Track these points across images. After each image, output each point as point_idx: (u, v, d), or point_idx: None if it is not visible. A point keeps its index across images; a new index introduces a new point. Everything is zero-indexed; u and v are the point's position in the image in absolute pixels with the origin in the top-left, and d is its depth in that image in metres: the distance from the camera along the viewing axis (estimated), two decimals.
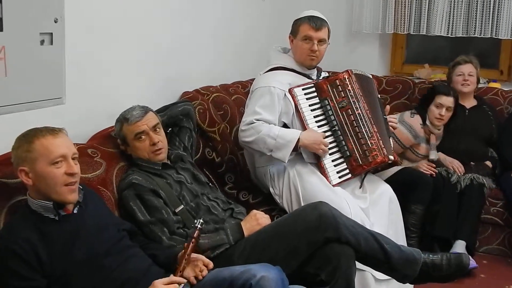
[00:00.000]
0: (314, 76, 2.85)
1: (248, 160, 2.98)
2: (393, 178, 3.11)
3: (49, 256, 1.68)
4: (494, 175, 3.44)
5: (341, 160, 2.69)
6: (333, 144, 2.69)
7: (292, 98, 2.69)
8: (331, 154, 2.68)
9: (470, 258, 2.80)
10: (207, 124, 2.95)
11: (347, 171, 2.67)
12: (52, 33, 2.16)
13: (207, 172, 2.85)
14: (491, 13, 3.75)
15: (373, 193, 2.71)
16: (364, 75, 2.87)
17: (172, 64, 3.03)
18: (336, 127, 2.69)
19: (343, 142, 2.68)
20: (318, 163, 2.68)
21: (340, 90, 2.71)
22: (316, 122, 2.70)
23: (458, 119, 3.42)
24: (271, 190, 2.76)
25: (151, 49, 2.84)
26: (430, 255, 2.27)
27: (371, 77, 2.95)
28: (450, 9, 3.86)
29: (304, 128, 2.66)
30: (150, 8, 2.80)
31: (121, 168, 2.33)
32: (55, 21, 2.17)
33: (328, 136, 2.69)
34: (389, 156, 2.68)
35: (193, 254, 1.94)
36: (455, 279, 2.36)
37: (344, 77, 2.73)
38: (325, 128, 2.70)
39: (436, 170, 3.34)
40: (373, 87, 2.92)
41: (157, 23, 2.86)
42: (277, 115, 2.66)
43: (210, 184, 2.55)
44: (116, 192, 2.23)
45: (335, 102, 2.71)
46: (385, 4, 4.04)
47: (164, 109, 2.59)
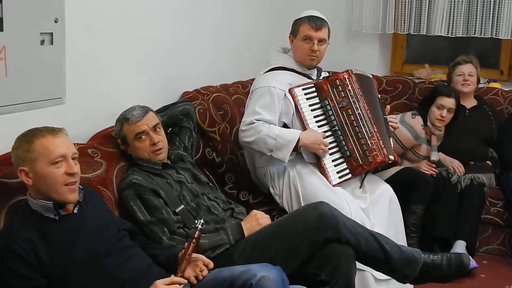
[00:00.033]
0: (314, 76, 2.85)
1: (248, 160, 2.97)
2: (394, 178, 3.11)
3: (49, 256, 1.68)
4: (495, 173, 3.44)
5: (341, 160, 2.69)
6: (333, 144, 2.69)
7: (292, 98, 2.69)
8: (331, 154, 2.68)
9: (471, 258, 2.80)
10: (207, 124, 2.95)
11: (347, 171, 2.67)
12: (52, 33, 2.16)
13: (207, 172, 2.85)
14: (491, 13, 3.74)
15: (373, 193, 2.71)
16: (364, 75, 2.87)
17: (172, 64, 3.03)
18: (336, 127, 2.69)
19: (343, 142, 2.68)
20: (318, 163, 2.68)
21: (340, 90, 2.71)
22: (316, 122, 2.70)
23: (458, 119, 3.42)
24: (271, 190, 2.76)
25: (151, 49, 2.84)
26: (430, 255, 2.27)
27: (371, 77, 2.95)
28: (450, 9, 3.86)
29: (304, 128, 2.66)
30: (150, 8, 2.80)
31: (121, 168, 2.33)
32: (55, 21, 2.17)
33: (328, 136, 2.69)
34: (389, 156, 2.68)
35: (194, 254, 1.94)
36: (455, 279, 2.36)
37: (344, 77, 2.73)
38: (325, 128, 2.70)
39: (437, 170, 3.34)
40: (373, 87, 2.92)
41: (157, 23, 2.86)
42: (277, 115, 2.66)
43: (210, 184, 2.55)
44: (116, 192, 2.23)
45: (335, 102, 2.71)
46: (385, 4, 4.03)
47: (164, 109, 2.59)
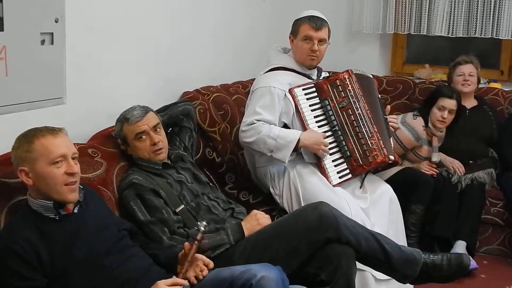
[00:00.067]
0: (315, 76, 2.84)
1: (249, 160, 2.97)
2: (394, 178, 3.11)
3: (50, 256, 1.68)
4: (495, 169, 3.44)
5: (342, 160, 2.69)
6: (334, 144, 2.69)
7: (292, 98, 2.69)
8: (332, 154, 2.68)
9: (471, 259, 2.80)
10: (208, 124, 2.95)
11: (348, 171, 2.67)
12: (53, 33, 2.16)
13: (208, 172, 2.85)
14: (492, 13, 3.74)
15: (374, 193, 2.71)
16: (365, 75, 2.86)
17: (172, 64, 3.03)
18: (337, 127, 2.69)
19: (344, 142, 2.68)
20: (319, 163, 2.67)
21: (341, 90, 2.71)
22: (317, 122, 2.70)
23: (459, 120, 3.42)
24: (271, 190, 2.76)
25: (151, 49, 2.84)
26: (431, 255, 2.27)
27: (372, 77, 2.95)
28: (451, 9, 3.85)
29: (305, 128, 2.66)
30: (150, 9, 2.80)
31: (122, 168, 2.33)
32: (56, 21, 2.17)
33: (329, 136, 2.69)
34: (390, 156, 2.68)
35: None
36: (456, 280, 2.36)
37: (345, 77, 2.73)
38: (326, 128, 2.70)
39: (437, 171, 3.34)
40: (374, 87, 2.92)
41: (157, 23, 2.86)
42: (278, 115, 2.66)
43: (211, 184, 2.55)
44: (117, 192, 2.23)
45: (336, 102, 2.71)
46: (386, 4, 4.03)
47: (165, 109, 2.59)
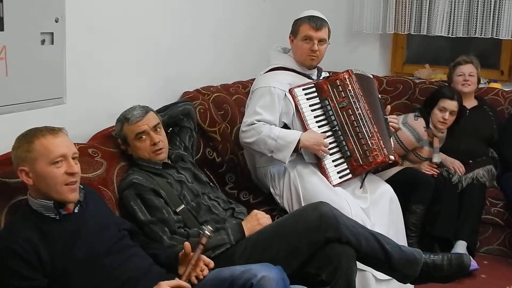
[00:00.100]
0: (315, 76, 2.84)
1: (249, 160, 2.97)
2: (394, 178, 3.10)
3: (50, 256, 1.68)
4: (495, 166, 3.44)
5: (342, 160, 2.68)
6: (334, 144, 2.69)
7: (293, 98, 2.69)
8: (332, 154, 2.68)
9: (472, 259, 2.79)
10: (208, 124, 2.95)
11: (348, 171, 2.67)
12: (53, 33, 2.16)
13: (208, 172, 2.85)
14: (492, 13, 3.74)
15: (374, 193, 2.71)
16: (365, 75, 2.86)
17: (172, 64, 3.03)
18: (337, 127, 2.69)
19: (344, 142, 2.68)
20: (319, 163, 2.67)
21: (341, 90, 2.71)
22: (317, 122, 2.70)
23: (460, 120, 3.41)
24: (272, 190, 2.76)
25: (151, 49, 2.83)
26: (431, 255, 2.27)
27: (372, 77, 2.94)
28: (451, 9, 3.85)
29: (305, 128, 2.66)
30: (151, 8, 2.79)
31: (122, 168, 2.33)
32: (56, 21, 2.16)
33: (329, 136, 2.68)
34: (390, 156, 2.68)
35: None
36: (456, 280, 2.36)
37: (345, 77, 2.73)
38: (326, 128, 2.70)
39: (438, 171, 3.34)
40: (374, 87, 2.92)
41: (157, 23, 2.86)
42: (278, 115, 2.66)
43: (211, 184, 2.55)
44: (117, 192, 2.23)
45: (336, 102, 2.71)
46: (386, 4, 4.03)
47: (165, 109, 2.59)
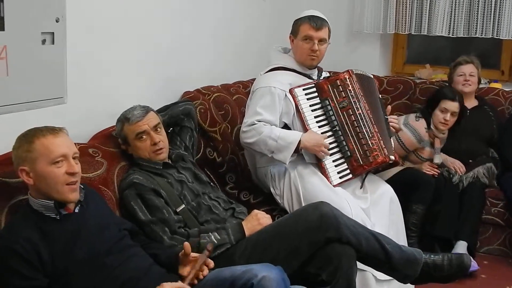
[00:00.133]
0: (315, 76, 2.84)
1: (249, 160, 2.97)
2: (395, 178, 3.10)
3: (51, 255, 1.68)
4: (496, 166, 3.43)
5: (342, 160, 2.68)
6: (334, 144, 2.69)
7: (293, 98, 2.68)
8: (332, 154, 2.67)
9: (472, 260, 2.79)
10: (208, 124, 2.95)
11: (348, 171, 2.67)
12: (54, 33, 2.16)
13: (208, 172, 2.85)
14: (492, 13, 3.75)
15: (374, 193, 2.71)
16: (365, 75, 2.86)
17: (173, 64, 3.03)
18: (337, 127, 2.69)
19: (344, 142, 2.68)
20: (319, 163, 2.67)
21: (341, 90, 2.71)
22: (317, 122, 2.70)
23: (461, 121, 3.41)
24: (272, 190, 2.76)
25: (152, 49, 2.83)
26: (431, 255, 2.27)
27: (372, 77, 2.94)
28: (451, 9, 3.86)
29: (305, 128, 2.66)
30: (151, 8, 2.79)
31: (122, 168, 2.33)
32: (57, 21, 2.16)
33: (329, 136, 2.68)
34: (390, 156, 2.68)
35: (194, 254, 1.95)
36: (456, 280, 2.35)
37: (345, 77, 2.73)
38: (326, 128, 2.70)
39: (439, 171, 3.34)
40: (374, 87, 2.91)
41: (158, 23, 2.86)
42: (278, 116, 2.66)
43: (211, 184, 2.55)
44: (117, 192, 2.23)
45: (336, 102, 2.70)
46: (386, 4, 4.03)
47: (165, 109, 2.59)
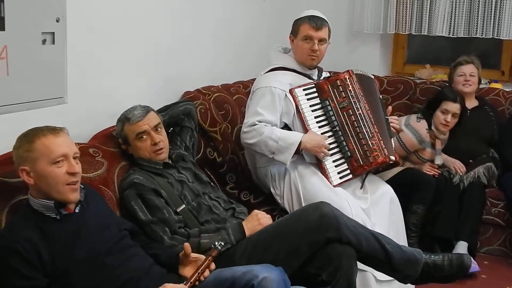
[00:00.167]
0: (315, 76, 2.84)
1: (249, 161, 2.97)
2: (395, 178, 3.11)
3: (51, 255, 1.68)
4: (496, 167, 3.43)
5: (342, 161, 2.68)
6: (334, 145, 2.69)
7: (293, 99, 2.68)
8: (332, 155, 2.67)
9: (473, 261, 2.79)
10: (209, 124, 2.95)
11: (348, 172, 2.67)
12: (54, 33, 2.16)
13: (209, 172, 2.85)
14: (493, 14, 3.74)
15: (374, 194, 2.71)
16: (365, 75, 2.86)
17: (173, 64, 3.03)
18: (337, 128, 2.69)
19: (344, 143, 2.68)
20: (319, 164, 2.67)
21: (341, 91, 2.71)
22: (317, 123, 2.70)
23: (461, 121, 3.41)
24: (272, 191, 2.76)
25: (152, 49, 2.83)
26: (432, 256, 2.27)
27: (373, 77, 2.94)
28: (452, 9, 3.85)
29: (305, 129, 2.66)
30: (151, 8, 2.79)
31: (123, 168, 2.33)
32: (57, 21, 2.16)
33: (329, 137, 2.68)
34: (390, 157, 2.68)
35: (195, 254, 1.95)
36: (457, 280, 2.35)
37: (345, 77, 2.73)
38: (326, 129, 2.70)
39: (439, 171, 3.34)
40: (375, 87, 2.91)
41: (158, 23, 2.86)
42: (278, 116, 2.66)
43: (212, 184, 2.55)
44: (118, 192, 2.23)
45: (336, 103, 2.70)
46: (387, 4, 4.03)
47: (166, 109, 2.59)
